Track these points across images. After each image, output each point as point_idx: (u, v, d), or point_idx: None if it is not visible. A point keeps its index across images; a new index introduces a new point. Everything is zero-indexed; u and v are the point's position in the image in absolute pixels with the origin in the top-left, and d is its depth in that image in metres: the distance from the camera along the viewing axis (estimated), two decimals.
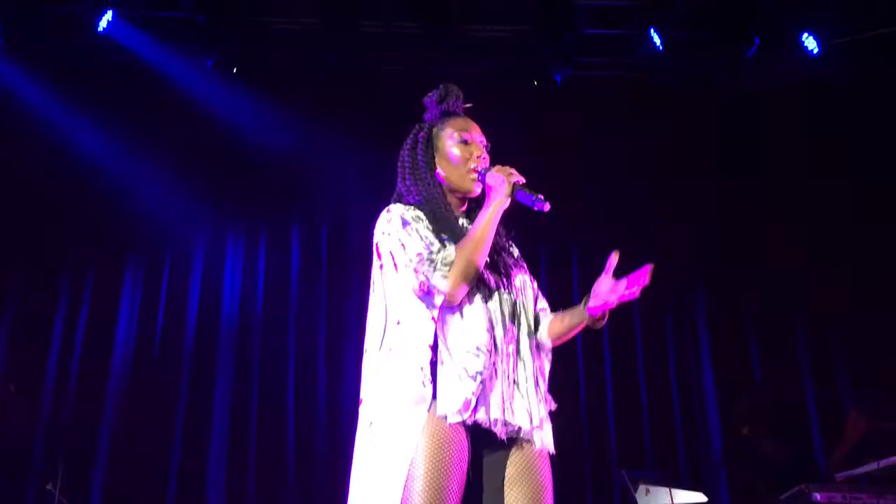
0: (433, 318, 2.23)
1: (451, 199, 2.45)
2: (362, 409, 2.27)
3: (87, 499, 5.67)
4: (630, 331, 6.41)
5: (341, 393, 6.08)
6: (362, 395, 2.29)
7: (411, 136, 2.53)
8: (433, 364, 2.19)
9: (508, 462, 2.25)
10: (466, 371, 2.17)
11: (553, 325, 2.44)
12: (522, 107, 6.08)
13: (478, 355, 2.19)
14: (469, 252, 2.22)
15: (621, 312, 6.45)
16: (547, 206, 2.27)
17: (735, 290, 6.41)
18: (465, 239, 2.26)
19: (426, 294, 2.24)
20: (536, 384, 2.31)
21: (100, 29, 5.70)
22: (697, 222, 6.27)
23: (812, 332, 6.31)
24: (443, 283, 2.20)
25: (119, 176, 6.07)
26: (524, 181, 2.32)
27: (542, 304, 2.53)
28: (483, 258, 2.25)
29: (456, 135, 2.45)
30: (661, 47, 5.90)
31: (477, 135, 2.46)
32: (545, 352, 2.43)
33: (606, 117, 6.15)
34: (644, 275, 2.25)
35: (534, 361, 2.33)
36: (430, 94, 2.57)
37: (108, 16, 5.68)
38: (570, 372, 6.16)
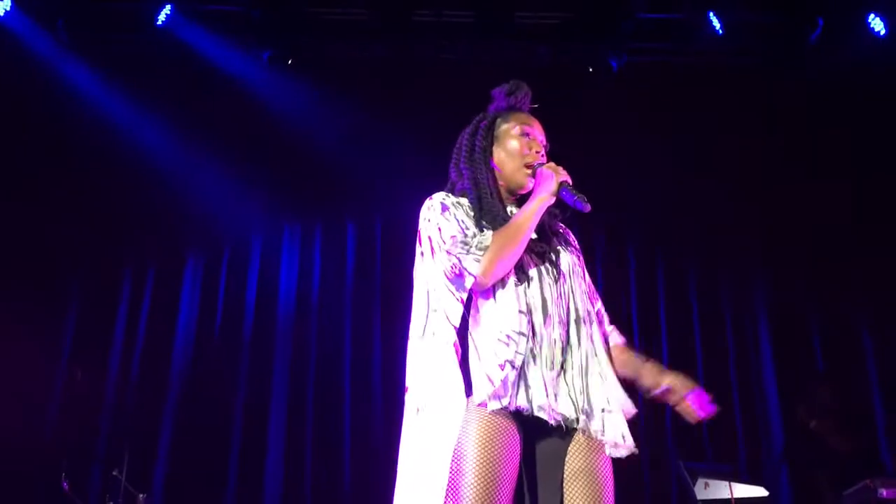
0: (461, 301, 2.22)
1: (503, 191, 2.43)
2: (409, 397, 2.26)
3: (150, 485, 5.79)
4: (688, 320, 6.31)
5: (397, 387, 6.05)
6: (408, 382, 2.28)
7: (472, 123, 2.52)
8: (462, 350, 2.19)
9: (567, 456, 2.20)
10: (496, 358, 2.14)
11: (619, 357, 2.42)
12: (578, 94, 6.01)
13: (508, 343, 2.15)
14: (505, 239, 2.21)
15: (679, 303, 6.34)
16: (588, 208, 2.27)
17: (797, 284, 6.25)
18: (504, 227, 2.26)
19: (457, 276, 2.22)
20: (588, 373, 2.25)
21: (158, 23, 5.77)
22: (759, 217, 6.12)
23: (875, 329, 6.12)
24: (474, 266, 2.18)
25: (177, 171, 6.14)
26: (571, 182, 2.32)
27: (598, 304, 2.49)
28: (519, 249, 2.22)
29: (518, 127, 2.44)
30: (720, 31, 5.76)
31: (538, 133, 2.45)
32: (606, 343, 2.39)
33: (664, 104, 6.04)
34: (706, 410, 2.29)
35: (586, 349, 2.27)
36: (499, 86, 2.55)
37: (167, 10, 5.76)
38: None
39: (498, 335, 2.17)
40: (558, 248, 2.38)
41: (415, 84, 6.11)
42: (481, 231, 2.26)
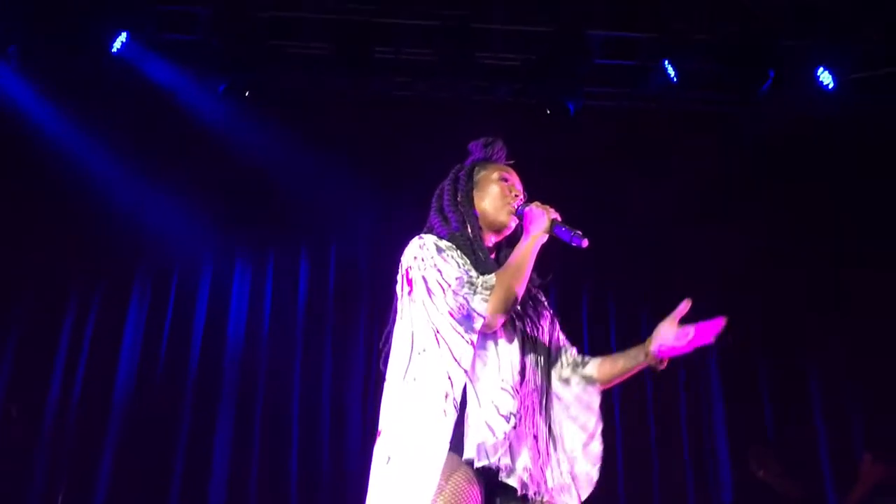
0: (472, 343, 2.17)
1: (486, 235, 2.47)
2: (380, 442, 2.18)
3: None
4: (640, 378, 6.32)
5: (346, 418, 6.04)
6: (381, 426, 2.21)
7: (451, 173, 2.57)
8: (464, 393, 2.14)
9: None
10: (498, 409, 2.13)
11: (604, 368, 2.45)
12: (535, 135, 6.06)
13: (512, 395, 2.17)
14: (509, 278, 2.23)
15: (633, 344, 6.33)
16: (585, 243, 2.30)
17: (745, 334, 6.33)
18: (504, 266, 2.28)
19: (465, 318, 2.18)
20: (555, 443, 2.27)
21: (114, 50, 5.70)
22: (712, 265, 6.20)
23: (824, 377, 6.22)
24: (482, 306, 2.18)
25: (129, 197, 6.11)
26: (560, 219, 2.36)
27: (572, 350, 2.53)
28: (522, 287, 2.25)
29: (496, 173, 2.52)
30: (675, 79, 5.87)
31: (516, 180, 2.53)
32: (591, 392, 2.41)
33: (619, 147, 6.12)
34: (718, 325, 2.33)
35: (555, 417, 2.30)
36: (475, 141, 2.64)
37: (123, 37, 5.69)
38: None
39: (501, 384, 2.17)
40: (537, 311, 2.41)
41: (372, 119, 6.12)
42: (478, 274, 2.28)
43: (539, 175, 5.95)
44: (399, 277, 2.35)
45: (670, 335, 2.34)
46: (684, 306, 2.37)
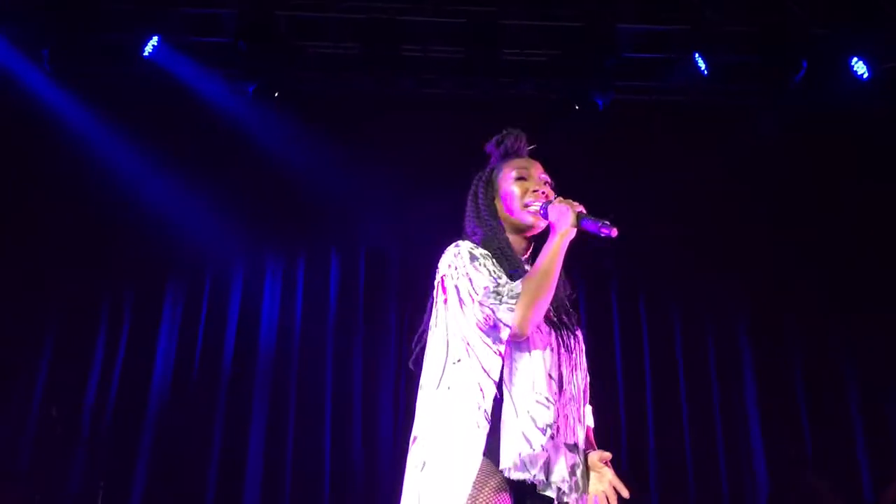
0: (500, 354, 2.13)
1: (515, 242, 2.37)
2: (415, 448, 2.16)
3: None
4: (673, 368, 6.27)
5: (378, 419, 6.04)
6: (416, 432, 2.19)
7: (473, 182, 2.48)
8: (497, 404, 2.10)
9: None
10: (535, 422, 2.08)
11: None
12: (564, 130, 6.03)
13: (547, 406, 2.10)
14: (536, 283, 2.14)
15: (666, 358, 6.23)
16: (615, 232, 2.18)
17: (781, 336, 6.24)
18: (531, 272, 2.19)
19: (492, 328, 2.14)
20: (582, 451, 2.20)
21: (145, 54, 5.76)
22: (739, 264, 6.12)
23: (865, 387, 6.11)
24: (508, 315, 2.11)
25: (161, 199, 6.12)
26: (586, 211, 2.25)
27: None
28: (550, 290, 2.16)
29: (513, 173, 2.39)
30: (705, 71, 5.81)
31: (536, 171, 2.39)
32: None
33: (649, 141, 6.07)
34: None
35: (581, 429, 2.23)
36: (490, 140, 2.51)
37: (154, 41, 5.75)
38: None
39: (536, 396, 2.11)
40: (572, 319, 2.33)
41: (400, 117, 6.12)
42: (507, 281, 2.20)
43: (567, 170, 5.94)
44: (435, 284, 2.31)
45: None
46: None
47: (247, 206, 6.28)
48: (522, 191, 2.36)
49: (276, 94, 6.09)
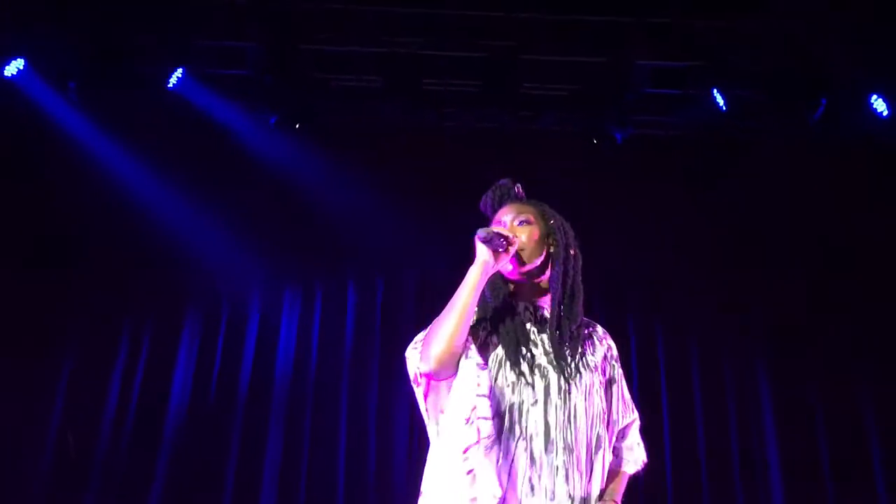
0: (441, 411, 2.12)
1: (521, 290, 2.27)
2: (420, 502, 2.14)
3: None
4: (690, 404, 6.21)
5: (392, 448, 6.02)
6: (423, 487, 2.16)
7: None
8: (467, 466, 2.04)
9: None
10: (492, 487, 2.00)
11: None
12: (582, 165, 6.06)
13: (501, 474, 2.02)
14: (439, 320, 2.09)
15: (683, 393, 6.17)
16: (480, 235, 2.09)
17: (798, 369, 6.18)
18: None
19: (415, 382, 2.15)
20: None
21: (169, 85, 5.85)
22: (756, 302, 6.08)
23: (880, 410, 6.04)
24: (413, 357, 2.10)
25: (182, 228, 6.17)
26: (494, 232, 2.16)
27: (626, 419, 2.26)
28: (453, 321, 2.06)
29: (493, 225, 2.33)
30: (724, 108, 5.82)
31: (510, 217, 2.29)
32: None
33: (667, 176, 6.08)
34: None
35: (586, 481, 2.06)
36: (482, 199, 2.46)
37: (178, 73, 5.85)
38: None
39: (501, 462, 2.03)
40: (579, 362, 2.16)
41: (419, 150, 6.17)
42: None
43: (585, 204, 5.97)
44: None
45: None
46: None
47: (266, 236, 6.33)
48: None
49: (297, 126, 6.17)
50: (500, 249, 2.11)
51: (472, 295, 2.09)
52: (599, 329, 2.31)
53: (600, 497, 2.09)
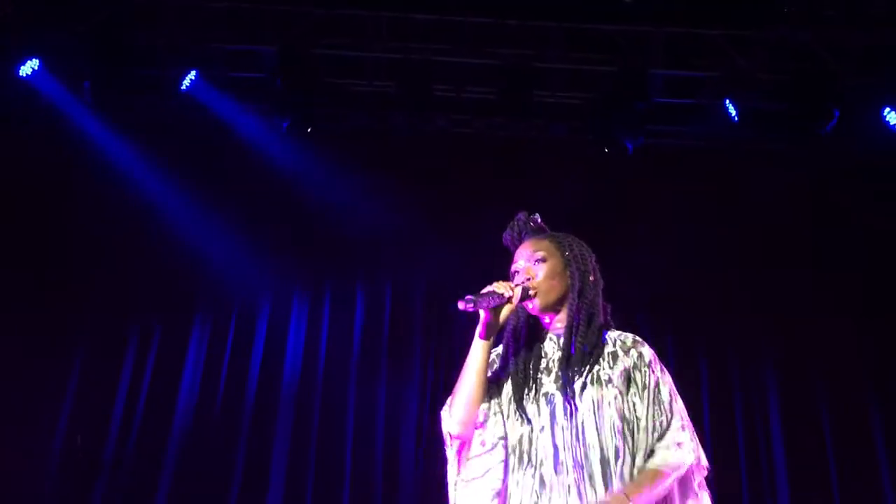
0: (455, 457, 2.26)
1: (549, 321, 2.35)
2: None
3: None
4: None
5: (400, 453, 6.01)
6: None
7: None
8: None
9: None
10: None
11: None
12: (593, 173, 6.06)
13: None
14: (457, 386, 2.23)
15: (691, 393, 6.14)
16: (461, 304, 2.17)
17: (807, 379, 6.15)
18: None
19: (449, 440, 2.26)
20: None
21: (183, 88, 5.88)
22: (768, 311, 6.06)
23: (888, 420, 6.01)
24: (445, 418, 2.24)
25: (191, 232, 6.19)
26: (493, 289, 2.23)
27: (665, 422, 2.21)
28: (465, 385, 2.21)
29: (511, 269, 2.39)
30: (736, 118, 5.82)
31: (523, 258, 2.36)
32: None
33: (678, 186, 6.07)
34: None
35: (602, 492, 2.09)
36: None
37: (192, 75, 5.87)
38: None
39: (513, 493, 2.16)
40: (587, 379, 2.20)
41: (430, 156, 6.19)
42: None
43: (596, 212, 5.97)
44: None
45: None
46: None
47: (275, 240, 6.34)
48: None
49: (310, 130, 6.18)
50: (502, 302, 2.20)
51: (478, 365, 2.21)
52: (630, 339, 2.32)
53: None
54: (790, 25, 5.59)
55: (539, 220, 2.47)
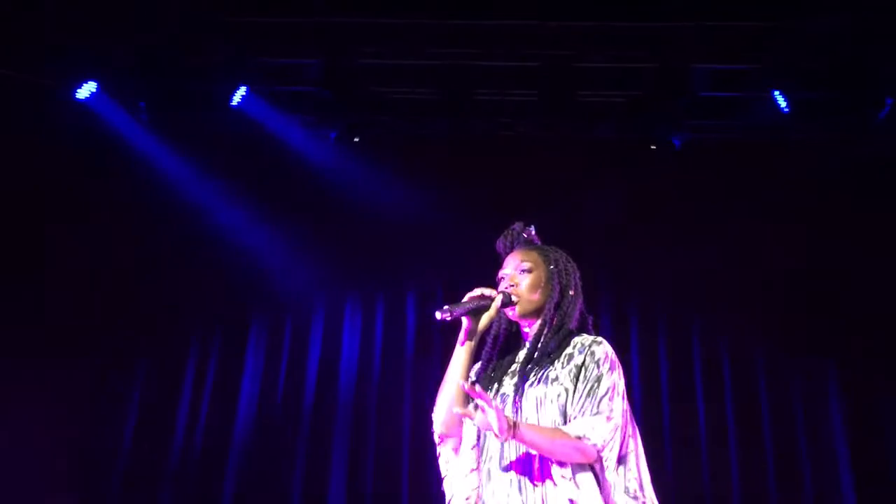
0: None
1: (529, 327, 2.50)
2: None
3: None
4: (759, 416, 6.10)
5: None
6: None
7: None
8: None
9: None
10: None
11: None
12: (640, 172, 6.03)
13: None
14: (440, 390, 2.47)
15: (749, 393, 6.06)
16: (438, 314, 2.40)
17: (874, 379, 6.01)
18: None
19: (439, 441, 2.50)
20: None
21: (233, 104, 6.03)
22: (823, 309, 5.95)
23: None
24: (433, 418, 2.50)
25: (245, 243, 6.34)
26: (476, 294, 2.46)
27: (584, 422, 2.25)
28: (446, 393, 2.43)
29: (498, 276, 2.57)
30: (785, 109, 5.74)
31: (510, 266, 2.53)
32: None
33: (726, 180, 6.01)
34: None
35: (541, 486, 2.22)
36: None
37: (242, 91, 6.02)
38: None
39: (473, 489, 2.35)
40: (537, 379, 2.34)
41: (476, 160, 6.22)
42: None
43: (644, 211, 5.95)
44: None
45: None
46: None
47: (327, 249, 6.44)
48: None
49: (356, 140, 6.29)
50: (481, 304, 2.43)
51: (458, 369, 2.44)
52: (588, 339, 2.38)
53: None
54: (839, 11, 5.48)
55: (533, 233, 2.63)
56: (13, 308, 5.72)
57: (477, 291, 2.45)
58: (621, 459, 2.22)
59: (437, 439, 2.46)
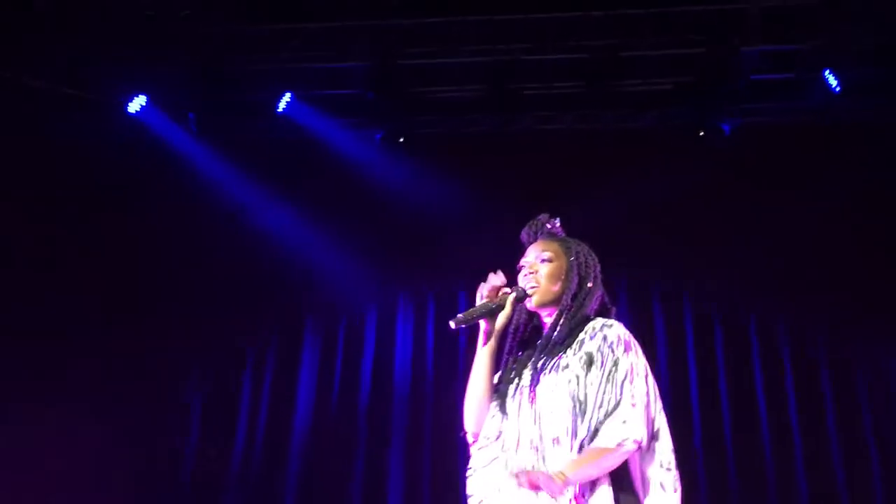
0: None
1: (549, 317, 2.50)
2: None
3: None
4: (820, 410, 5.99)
5: None
6: None
7: None
8: None
9: None
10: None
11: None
12: (690, 159, 5.94)
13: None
14: (467, 389, 2.49)
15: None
16: (452, 324, 2.44)
17: None
18: None
19: (471, 440, 2.47)
20: None
21: (279, 110, 6.09)
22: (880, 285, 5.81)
23: None
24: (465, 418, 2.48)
25: (296, 248, 6.39)
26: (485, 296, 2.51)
27: (610, 396, 2.25)
28: (471, 393, 2.47)
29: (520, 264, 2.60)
30: (837, 89, 5.60)
31: (532, 255, 2.56)
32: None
33: (779, 164, 5.88)
34: None
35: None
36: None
37: (287, 97, 6.08)
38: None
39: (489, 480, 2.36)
40: (551, 367, 2.35)
41: (522, 155, 6.18)
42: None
43: (694, 198, 5.83)
44: None
45: None
46: None
47: (377, 250, 6.46)
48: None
49: (402, 140, 6.30)
50: (490, 311, 2.48)
51: (481, 370, 2.49)
52: (600, 323, 2.40)
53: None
54: None
55: (557, 225, 2.64)
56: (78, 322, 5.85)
57: (484, 289, 2.52)
58: (654, 435, 2.25)
59: (470, 438, 2.47)
